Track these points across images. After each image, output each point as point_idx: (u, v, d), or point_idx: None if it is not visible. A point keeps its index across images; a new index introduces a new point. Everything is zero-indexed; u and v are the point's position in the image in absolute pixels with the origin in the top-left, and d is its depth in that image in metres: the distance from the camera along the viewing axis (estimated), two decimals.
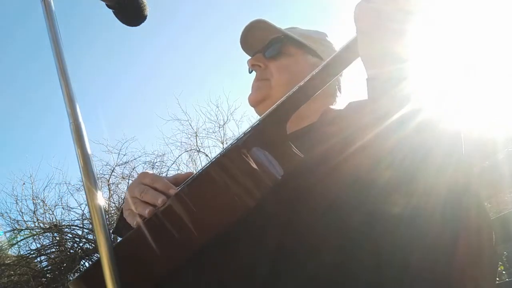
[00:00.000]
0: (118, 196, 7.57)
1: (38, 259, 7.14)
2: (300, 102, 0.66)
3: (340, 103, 0.96)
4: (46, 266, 7.18)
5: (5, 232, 7.32)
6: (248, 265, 0.65)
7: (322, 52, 0.95)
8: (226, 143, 7.99)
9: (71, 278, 5.53)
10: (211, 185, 0.59)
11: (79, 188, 7.27)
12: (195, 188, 0.60)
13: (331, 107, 0.94)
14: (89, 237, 6.98)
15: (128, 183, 7.49)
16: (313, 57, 0.94)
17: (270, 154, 0.61)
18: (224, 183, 0.58)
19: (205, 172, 0.60)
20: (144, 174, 0.73)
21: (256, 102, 0.95)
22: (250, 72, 1.01)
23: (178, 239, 0.59)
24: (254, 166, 0.59)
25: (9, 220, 7.42)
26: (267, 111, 0.66)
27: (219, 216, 0.59)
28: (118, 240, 0.63)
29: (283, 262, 0.65)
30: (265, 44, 0.95)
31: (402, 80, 0.54)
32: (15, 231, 7.21)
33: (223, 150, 0.63)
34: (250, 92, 0.97)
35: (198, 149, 8.24)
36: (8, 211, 7.46)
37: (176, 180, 0.76)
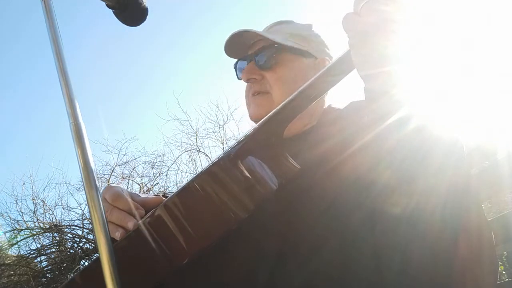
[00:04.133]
0: None
1: (38, 259, 7.13)
2: (300, 109, 0.64)
3: (326, 102, 0.94)
4: (46, 266, 7.17)
5: (5, 232, 7.32)
6: (247, 269, 0.65)
7: (314, 51, 0.92)
8: (226, 143, 7.99)
9: None
10: (200, 196, 0.57)
11: (79, 188, 7.28)
12: (183, 198, 0.58)
13: (332, 106, 0.94)
14: (89, 237, 6.98)
15: (128, 183, 7.50)
16: (307, 59, 0.91)
17: (265, 164, 0.59)
18: (214, 194, 0.56)
19: (193, 183, 0.58)
20: (106, 190, 0.69)
21: (261, 119, 0.90)
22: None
23: (165, 250, 0.57)
24: (248, 175, 0.57)
25: (9, 220, 7.43)
26: (263, 118, 0.64)
27: (208, 228, 0.57)
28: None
29: (283, 266, 0.65)
30: (254, 50, 0.91)
31: (401, 80, 0.54)
32: (15, 231, 7.21)
33: (215, 159, 0.61)
34: (250, 105, 0.92)
35: (198, 149, 8.24)
36: (8, 211, 7.46)
37: (144, 204, 0.70)
